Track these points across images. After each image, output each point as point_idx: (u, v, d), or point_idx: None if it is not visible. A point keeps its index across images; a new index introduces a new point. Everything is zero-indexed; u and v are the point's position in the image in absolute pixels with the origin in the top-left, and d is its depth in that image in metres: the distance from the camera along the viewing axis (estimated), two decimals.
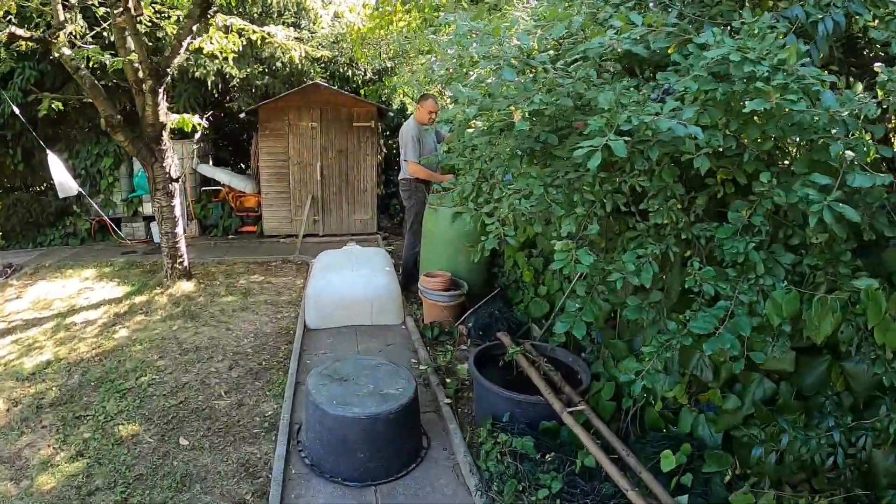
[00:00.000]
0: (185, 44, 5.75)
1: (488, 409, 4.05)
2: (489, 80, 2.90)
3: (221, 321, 5.72)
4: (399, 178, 6.84)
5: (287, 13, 9.26)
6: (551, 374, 4.17)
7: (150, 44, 7.89)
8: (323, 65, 10.08)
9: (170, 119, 6.30)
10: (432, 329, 5.68)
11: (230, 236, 9.40)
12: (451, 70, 3.73)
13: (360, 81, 10.81)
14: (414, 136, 6.41)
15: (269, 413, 4.19)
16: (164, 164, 6.20)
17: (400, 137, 6.64)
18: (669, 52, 2.39)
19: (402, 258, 7.06)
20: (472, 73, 3.37)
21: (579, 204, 2.86)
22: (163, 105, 6.03)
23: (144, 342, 5.24)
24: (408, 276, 6.92)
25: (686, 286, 2.66)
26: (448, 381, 4.71)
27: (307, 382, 3.69)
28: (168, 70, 5.83)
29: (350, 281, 5.88)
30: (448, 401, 4.35)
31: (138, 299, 6.28)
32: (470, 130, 2.55)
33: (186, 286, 6.55)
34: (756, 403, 3.20)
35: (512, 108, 2.22)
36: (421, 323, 5.93)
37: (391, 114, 9.86)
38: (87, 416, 4.15)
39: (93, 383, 4.57)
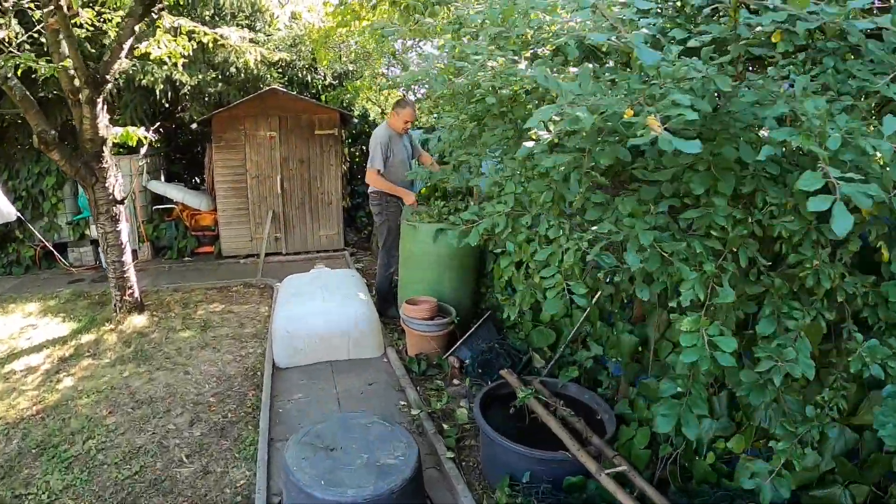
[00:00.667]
0: (126, 46, 5.02)
1: (502, 466, 3.46)
2: (531, 72, 2.27)
3: (179, 363, 5.00)
4: (368, 189, 6.22)
5: (241, 15, 8.54)
6: (572, 420, 3.60)
7: (94, 51, 7.14)
8: (280, 69, 9.38)
9: (111, 133, 5.55)
10: (419, 363, 5.08)
11: (186, 259, 8.59)
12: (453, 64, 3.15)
13: (320, 87, 10.13)
14: (383, 142, 5.82)
15: (241, 482, 3.51)
16: (106, 185, 5.44)
17: (369, 143, 6.04)
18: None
19: (376, 280, 6.44)
20: (518, 60, 2.72)
21: (705, 257, 2.09)
22: (102, 117, 5.29)
23: (92, 393, 4.51)
24: (383, 300, 6.30)
25: (852, 369, 2.00)
26: (446, 427, 4.11)
27: (286, 457, 2.97)
28: (108, 77, 5.08)
29: (322, 311, 5.23)
30: (450, 454, 3.74)
31: (85, 338, 5.51)
32: (529, 144, 1.87)
33: (138, 321, 5.81)
34: (837, 458, 2.66)
35: (650, 115, 1.57)
36: (405, 355, 5.32)
37: (355, 120, 9.18)
38: (29, 495, 3.42)
39: (34, 450, 3.83)
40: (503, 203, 2.97)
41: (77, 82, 5.01)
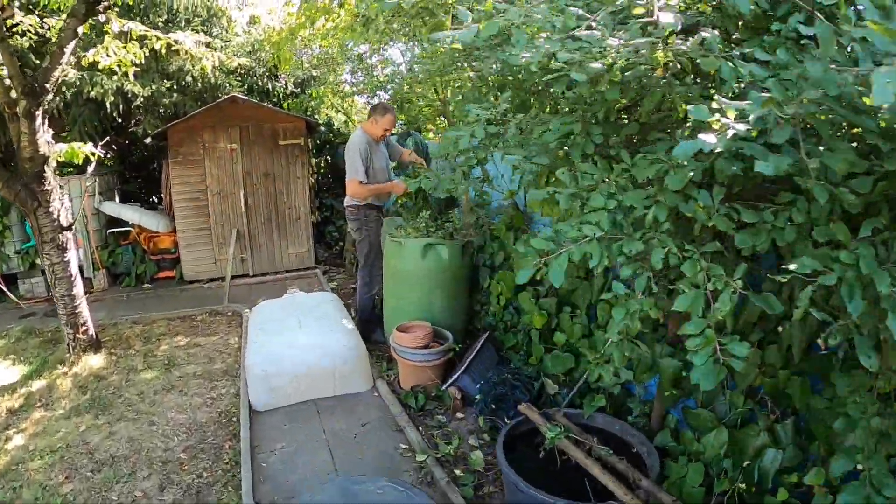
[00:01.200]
0: (67, 49, 4.37)
1: None
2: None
3: (142, 411, 4.36)
4: (345, 203, 5.68)
5: (196, 20, 7.89)
6: (613, 460, 3.10)
7: (38, 62, 6.45)
8: (239, 77, 8.76)
9: (53, 150, 4.90)
10: (415, 396, 4.56)
11: (146, 285, 7.85)
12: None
13: (281, 95, 9.52)
14: (362, 149, 5.31)
15: None
16: (50, 210, 4.78)
17: (346, 152, 5.50)
18: None
19: (357, 301, 5.88)
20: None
21: None
22: (44, 132, 4.63)
23: (45, 454, 3.85)
24: (366, 324, 5.75)
25: None
26: (459, 473, 3.59)
27: None
28: (47, 86, 4.42)
29: (303, 344, 4.68)
30: None
31: (37, 385, 4.81)
32: (708, 138, 1.29)
33: (95, 361, 5.15)
34: None
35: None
36: (397, 387, 4.80)
37: (322, 128, 8.58)
38: None
39: None
40: (593, 224, 2.13)
41: (13, 93, 4.37)
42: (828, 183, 1.59)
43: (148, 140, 7.47)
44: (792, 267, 1.61)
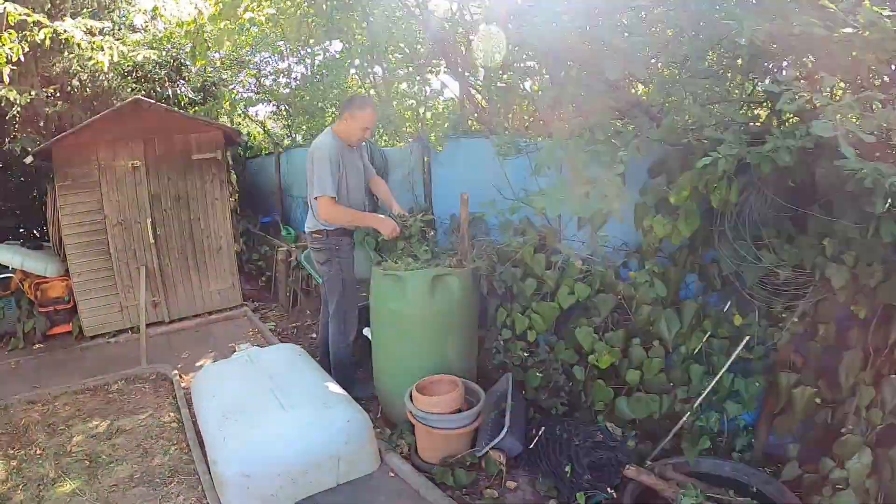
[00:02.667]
0: None
1: None
2: None
3: None
4: (307, 229, 4.49)
5: (85, 11, 6.30)
6: None
7: None
8: (136, 81, 7.24)
9: None
10: (452, 472, 3.51)
11: (37, 346, 6.09)
12: None
13: (185, 102, 8.06)
14: (332, 157, 4.16)
15: None
16: None
17: (309, 161, 4.31)
18: None
19: (331, 352, 4.66)
20: None
21: None
22: None
23: None
24: (346, 380, 4.55)
25: None
26: None
27: None
28: None
29: (293, 429, 3.45)
30: None
31: None
32: None
33: None
34: None
35: None
36: (417, 460, 3.75)
37: (245, 138, 7.15)
38: None
39: None
40: None
41: None
42: None
43: (28, 160, 5.81)
44: None
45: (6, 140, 6.36)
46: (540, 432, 3.66)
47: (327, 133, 4.33)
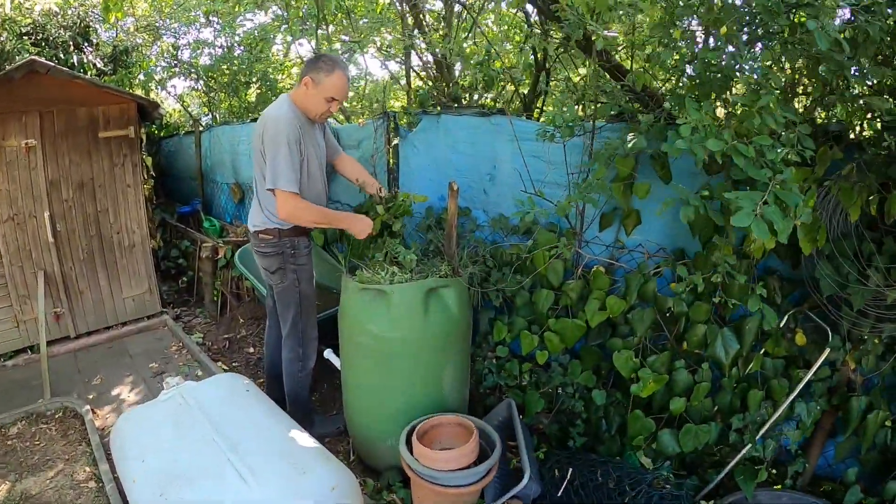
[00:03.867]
0: None
1: None
2: None
3: None
4: (252, 227, 3.52)
5: None
6: None
7: None
8: (36, 42, 5.98)
9: None
10: None
11: None
12: None
13: (92, 71, 6.84)
14: (293, 138, 3.16)
15: None
16: None
17: (261, 141, 3.26)
18: None
19: (286, 385, 3.75)
20: None
21: None
22: None
23: None
24: (304, 417, 3.69)
25: None
26: None
27: None
28: None
29: None
30: None
31: None
32: None
33: None
34: None
35: None
36: None
37: (162, 111, 5.96)
38: None
39: None
40: None
41: None
42: None
43: None
44: None
45: None
46: (569, 474, 2.91)
47: (283, 102, 3.31)
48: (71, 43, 6.51)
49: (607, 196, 2.96)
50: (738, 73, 2.51)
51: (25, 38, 5.83)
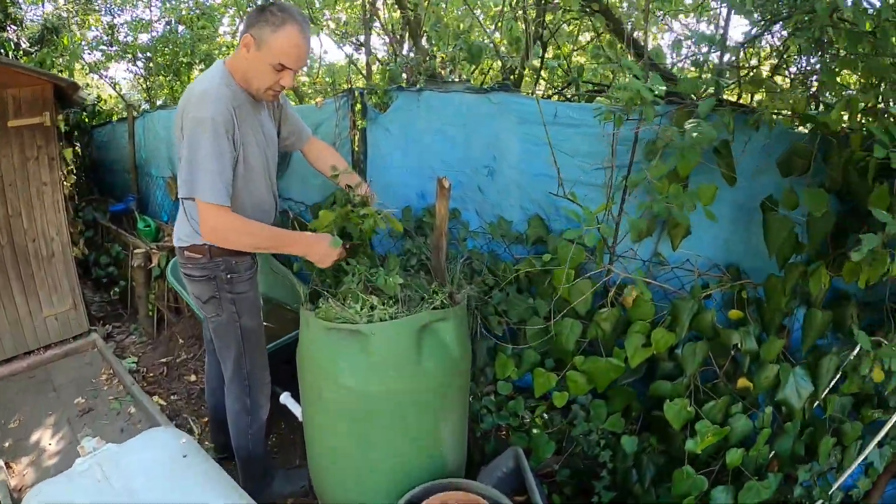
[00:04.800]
0: None
1: None
2: None
3: None
4: (178, 243, 2.66)
5: None
6: None
7: None
8: None
9: None
10: None
11: None
12: None
13: (12, 52, 5.96)
14: (221, 125, 2.25)
15: None
16: None
17: (177, 124, 2.37)
18: None
19: (234, 444, 2.94)
20: None
21: None
22: None
23: None
24: (257, 474, 2.92)
25: None
26: None
27: None
28: None
29: None
30: None
31: None
32: None
33: None
34: None
35: None
36: None
37: (83, 94, 5.03)
38: None
39: None
40: None
41: None
42: None
43: None
44: None
45: None
46: None
47: (216, 72, 2.40)
48: None
49: (662, 200, 2.23)
50: None
51: None
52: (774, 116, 2.25)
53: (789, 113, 2.27)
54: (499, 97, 2.82)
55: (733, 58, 2.52)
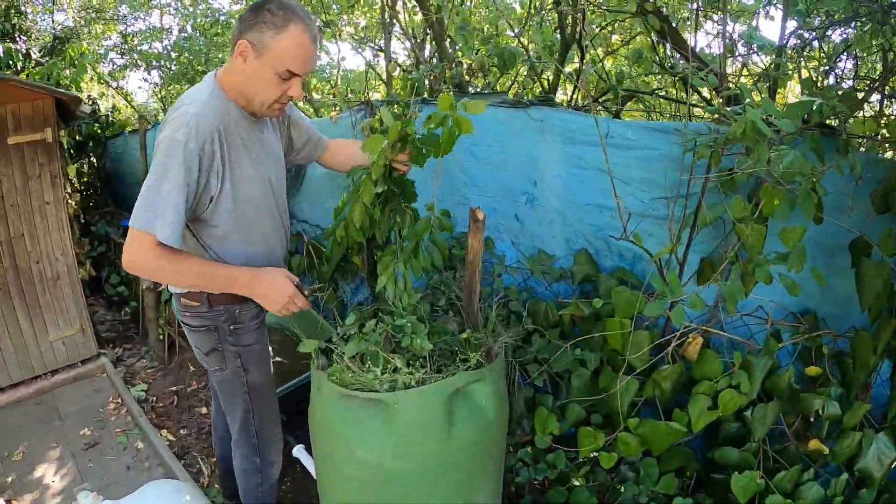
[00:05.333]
0: None
1: None
2: None
3: None
4: (173, 289, 2.30)
5: None
6: None
7: None
8: None
9: None
10: None
11: None
12: None
13: (21, 63, 5.73)
14: (194, 154, 1.86)
15: None
16: None
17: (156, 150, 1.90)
18: None
19: (245, 499, 2.62)
20: None
21: None
22: None
23: None
24: None
25: None
26: None
27: None
28: None
29: None
30: None
31: None
32: None
33: None
34: None
35: None
36: None
37: (86, 109, 4.76)
38: None
39: None
40: None
41: None
42: None
43: None
44: None
45: None
46: None
47: (206, 87, 2.03)
48: None
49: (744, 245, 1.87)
50: None
51: None
52: (863, 140, 1.90)
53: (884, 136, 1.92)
54: (541, 112, 2.46)
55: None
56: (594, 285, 2.48)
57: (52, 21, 6.75)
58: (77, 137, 6.18)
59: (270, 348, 2.48)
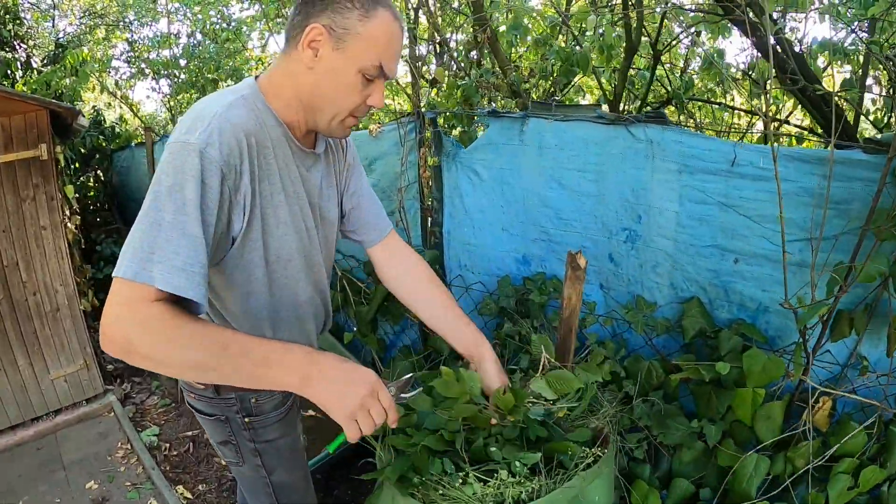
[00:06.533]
0: None
1: None
2: None
3: None
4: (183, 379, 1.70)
5: None
6: None
7: None
8: None
9: None
10: None
11: None
12: None
13: (20, 71, 5.34)
14: (216, 171, 1.23)
15: None
16: None
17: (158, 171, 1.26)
18: None
19: None
20: None
21: None
22: None
23: None
24: None
25: None
26: None
27: None
28: None
29: None
30: None
31: None
32: None
33: None
34: None
35: None
36: None
37: (83, 122, 4.29)
38: None
39: None
40: None
41: None
42: None
43: None
44: None
45: None
46: None
47: (239, 87, 1.42)
48: None
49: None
50: None
51: None
52: None
53: None
54: (648, 131, 1.99)
55: None
56: (707, 340, 2.02)
57: (54, 27, 6.34)
58: (82, 150, 5.77)
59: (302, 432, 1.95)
